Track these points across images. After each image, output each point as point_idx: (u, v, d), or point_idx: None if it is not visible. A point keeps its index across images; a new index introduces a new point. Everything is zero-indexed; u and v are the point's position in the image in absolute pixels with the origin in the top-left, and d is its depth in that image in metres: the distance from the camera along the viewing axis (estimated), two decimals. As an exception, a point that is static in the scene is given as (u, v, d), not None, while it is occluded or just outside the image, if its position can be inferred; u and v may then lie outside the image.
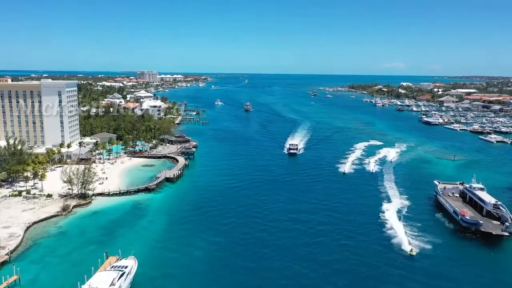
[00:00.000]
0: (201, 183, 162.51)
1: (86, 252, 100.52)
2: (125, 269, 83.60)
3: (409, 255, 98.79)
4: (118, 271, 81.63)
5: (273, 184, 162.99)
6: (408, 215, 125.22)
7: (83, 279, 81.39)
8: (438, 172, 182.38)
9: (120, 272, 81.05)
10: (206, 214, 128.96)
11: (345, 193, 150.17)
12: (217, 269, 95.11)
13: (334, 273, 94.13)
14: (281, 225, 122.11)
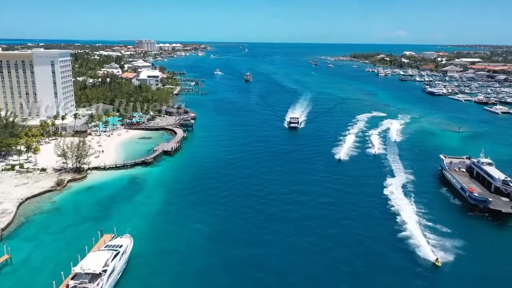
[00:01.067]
0: (200, 156, 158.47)
1: (81, 229, 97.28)
2: (119, 248, 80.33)
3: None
4: (112, 250, 78.33)
5: (274, 157, 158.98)
6: (412, 191, 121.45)
7: (76, 259, 78.28)
8: (443, 144, 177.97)
9: (114, 252, 77.77)
10: (205, 188, 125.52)
11: (347, 167, 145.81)
12: (217, 247, 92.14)
13: (336, 247, 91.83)
14: (282, 198, 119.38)
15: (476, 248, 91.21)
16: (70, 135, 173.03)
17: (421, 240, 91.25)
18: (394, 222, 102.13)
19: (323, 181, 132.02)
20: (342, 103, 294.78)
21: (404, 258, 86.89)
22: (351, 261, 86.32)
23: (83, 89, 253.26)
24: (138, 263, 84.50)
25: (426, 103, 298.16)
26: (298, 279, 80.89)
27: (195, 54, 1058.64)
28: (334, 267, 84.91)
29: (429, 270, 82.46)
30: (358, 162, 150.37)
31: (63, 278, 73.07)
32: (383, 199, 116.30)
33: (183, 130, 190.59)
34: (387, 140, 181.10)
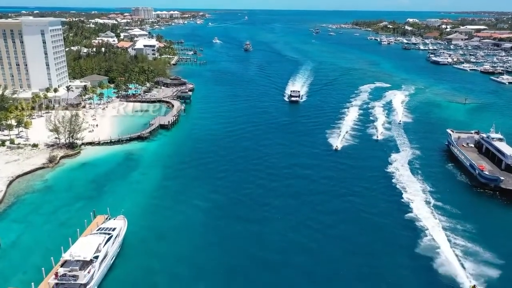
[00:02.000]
0: (197, 130, 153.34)
1: (73, 209, 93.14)
2: (112, 231, 76.25)
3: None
4: (104, 234, 74.27)
5: (274, 130, 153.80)
6: (418, 168, 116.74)
7: (67, 243, 74.37)
8: (449, 117, 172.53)
9: (107, 236, 73.70)
10: (203, 164, 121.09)
11: (350, 142, 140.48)
12: (216, 226, 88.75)
13: (338, 224, 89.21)
14: (283, 172, 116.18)
15: (488, 231, 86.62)
16: (63, 108, 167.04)
17: (429, 222, 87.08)
18: (399, 201, 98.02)
19: (324, 156, 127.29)
20: (344, 73, 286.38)
21: (409, 238, 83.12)
22: (353, 240, 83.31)
23: (77, 59, 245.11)
24: (133, 245, 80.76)
25: (430, 73, 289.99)
26: (300, 257, 77.75)
27: (194, 22, 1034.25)
28: (336, 245, 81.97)
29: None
30: (362, 137, 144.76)
31: (53, 264, 69.38)
32: (388, 176, 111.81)
33: (181, 102, 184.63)
34: (392, 117, 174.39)
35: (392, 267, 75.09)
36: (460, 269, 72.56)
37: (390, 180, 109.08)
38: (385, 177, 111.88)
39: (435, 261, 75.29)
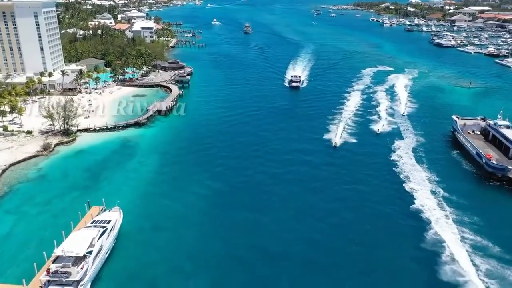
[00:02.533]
0: (196, 116, 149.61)
1: (68, 200, 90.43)
2: (107, 224, 73.60)
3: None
4: (99, 227, 71.63)
5: (274, 117, 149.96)
6: (423, 156, 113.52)
7: (60, 236, 71.84)
8: (453, 102, 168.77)
9: (101, 229, 71.07)
10: (202, 150, 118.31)
11: (354, 129, 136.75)
12: (215, 215, 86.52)
13: (340, 212, 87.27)
14: (284, 158, 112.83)
15: (496, 223, 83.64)
16: (59, 93, 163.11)
17: (434, 213, 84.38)
18: (403, 190, 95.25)
19: (326, 142, 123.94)
20: (346, 57, 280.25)
21: (413, 229, 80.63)
22: (355, 230, 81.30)
23: (73, 42, 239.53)
24: (129, 238, 78.27)
25: (434, 56, 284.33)
26: (300, 247, 75.96)
27: (192, 3, 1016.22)
28: (337, 234, 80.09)
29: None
30: (364, 124, 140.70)
31: (46, 259, 66.86)
32: (391, 164, 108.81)
33: (179, 87, 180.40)
34: (395, 103, 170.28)
35: (396, 260, 72.69)
36: (469, 265, 69.57)
37: (394, 168, 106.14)
38: (388, 164, 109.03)
39: (441, 255, 72.52)
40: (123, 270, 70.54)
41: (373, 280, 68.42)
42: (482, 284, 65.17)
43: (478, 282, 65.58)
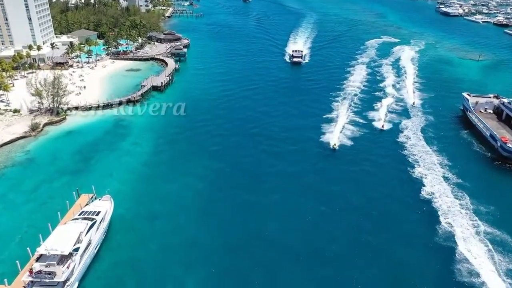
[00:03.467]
0: (193, 92, 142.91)
1: (57, 186, 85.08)
2: (96, 216, 68.45)
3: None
4: (87, 220, 66.54)
5: (275, 93, 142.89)
6: (432, 137, 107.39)
7: (46, 229, 66.96)
8: (462, 76, 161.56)
9: (90, 222, 66.01)
10: (199, 130, 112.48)
11: (358, 108, 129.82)
12: (213, 201, 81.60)
13: (344, 195, 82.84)
14: (284, 138, 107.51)
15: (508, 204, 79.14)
16: (49, 67, 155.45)
17: (446, 201, 79.21)
18: (411, 174, 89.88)
19: (330, 122, 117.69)
20: (350, 27, 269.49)
21: (423, 219, 75.81)
22: (359, 216, 76.58)
23: (64, 11, 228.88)
24: (120, 229, 73.30)
25: (440, 26, 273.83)
26: (302, 234, 71.76)
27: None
28: (340, 220, 75.75)
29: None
30: (369, 101, 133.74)
31: (30, 255, 61.99)
32: (399, 145, 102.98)
33: (175, 60, 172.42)
34: (400, 70, 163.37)
35: (403, 256, 67.80)
36: (487, 262, 64.01)
37: (401, 150, 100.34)
38: (396, 143, 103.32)
39: (454, 251, 67.21)
40: (114, 265, 65.82)
41: (379, 271, 63.98)
42: (503, 284, 59.75)
43: (498, 282, 60.20)
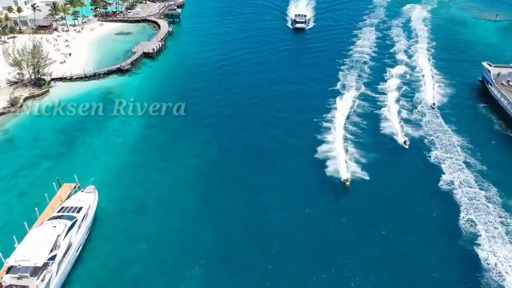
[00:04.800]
0: (188, 59, 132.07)
1: (38, 172, 77.66)
2: (77, 213, 61.16)
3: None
4: (66, 220, 59.20)
5: (275, 62, 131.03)
6: (449, 112, 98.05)
7: (22, 228, 59.99)
8: (476, 38, 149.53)
9: (69, 223, 58.79)
10: (193, 105, 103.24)
11: (366, 79, 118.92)
12: (208, 191, 74.73)
13: (350, 190, 73.40)
14: (287, 118, 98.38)
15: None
16: (32, 31, 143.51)
17: (468, 192, 71.60)
18: (428, 159, 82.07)
19: (336, 96, 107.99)
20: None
21: (441, 214, 68.76)
22: (372, 211, 68.73)
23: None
24: (106, 225, 66.63)
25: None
26: (309, 238, 64.18)
27: None
28: (347, 218, 67.68)
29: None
30: (378, 70, 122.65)
31: (3, 260, 55.06)
32: (414, 123, 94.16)
33: (168, 22, 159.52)
34: (408, 32, 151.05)
35: (418, 256, 61.25)
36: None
37: (417, 130, 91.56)
38: (408, 121, 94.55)
39: (478, 255, 60.39)
40: (98, 269, 59.42)
41: (390, 276, 57.71)
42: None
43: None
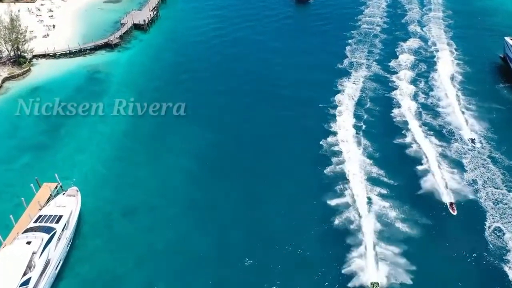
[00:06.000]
0: (183, 29, 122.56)
1: (16, 169, 70.48)
2: (56, 224, 54.46)
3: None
4: (43, 234, 52.41)
5: (277, 36, 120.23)
6: (466, 94, 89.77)
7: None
8: (496, 5, 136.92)
9: (47, 237, 52.23)
10: (188, 86, 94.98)
11: (379, 51, 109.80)
12: (205, 189, 67.55)
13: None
14: (294, 98, 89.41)
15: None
16: (12, 1, 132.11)
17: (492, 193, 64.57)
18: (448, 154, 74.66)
19: (343, 71, 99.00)
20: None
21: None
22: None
23: None
24: (90, 233, 59.95)
25: None
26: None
27: None
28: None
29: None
30: (392, 43, 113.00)
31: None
32: (429, 108, 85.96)
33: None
34: (425, 13, 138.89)
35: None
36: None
37: (430, 116, 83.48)
38: (427, 109, 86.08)
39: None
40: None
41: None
42: None
43: None
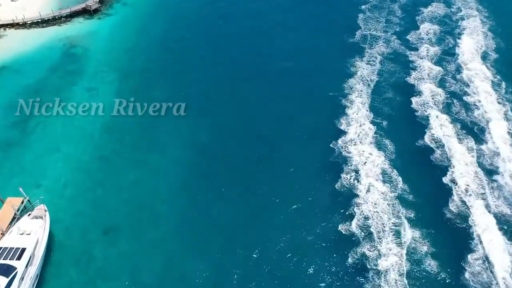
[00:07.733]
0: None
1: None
2: (18, 261, 45.06)
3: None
4: (1, 276, 43.29)
5: (277, 15, 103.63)
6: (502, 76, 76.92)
7: None
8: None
9: (5, 281, 42.86)
10: (177, 68, 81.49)
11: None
12: (198, 201, 57.95)
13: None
14: (300, 91, 76.81)
15: None
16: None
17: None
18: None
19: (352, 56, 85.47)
20: None
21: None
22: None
23: None
24: (62, 266, 50.53)
25: None
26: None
27: None
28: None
29: None
30: (405, 33, 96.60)
31: None
32: (460, 96, 73.65)
33: None
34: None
35: None
36: None
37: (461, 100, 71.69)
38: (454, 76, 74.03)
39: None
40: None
41: None
42: None
43: None
